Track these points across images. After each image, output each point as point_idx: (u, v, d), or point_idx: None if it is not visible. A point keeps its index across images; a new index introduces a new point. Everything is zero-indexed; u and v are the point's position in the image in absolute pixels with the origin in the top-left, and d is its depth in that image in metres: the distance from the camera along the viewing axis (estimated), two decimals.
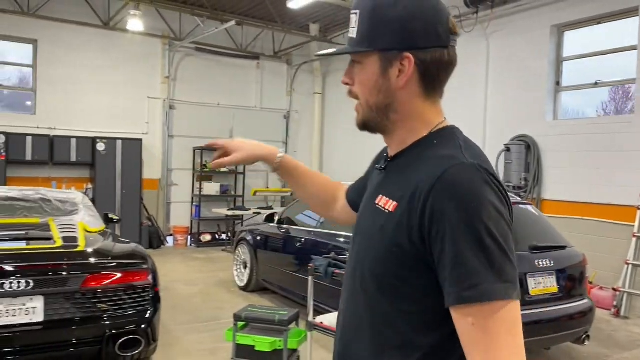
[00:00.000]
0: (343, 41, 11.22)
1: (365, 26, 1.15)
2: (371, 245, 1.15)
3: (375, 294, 1.13)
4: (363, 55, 1.17)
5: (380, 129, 1.23)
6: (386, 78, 1.15)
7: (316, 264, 3.78)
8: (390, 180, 1.19)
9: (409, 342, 1.09)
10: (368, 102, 1.20)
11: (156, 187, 11.13)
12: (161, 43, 11.04)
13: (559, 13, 7.81)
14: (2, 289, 3.59)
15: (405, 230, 1.06)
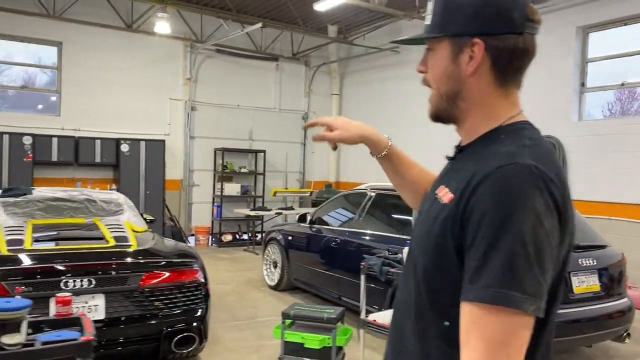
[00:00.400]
0: (363, 42, 11.31)
1: (438, 12, 1.15)
2: (423, 234, 1.14)
3: (420, 281, 1.13)
4: (435, 41, 1.16)
5: (452, 119, 1.20)
6: (456, 64, 1.13)
7: (370, 263, 3.86)
8: (453, 172, 1.18)
9: (440, 331, 1.09)
10: (439, 89, 1.18)
11: (178, 188, 11.22)
12: (182, 45, 11.13)
13: (585, 14, 7.87)
14: (66, 287, 3.67)
15: (450, 223, 1.05)
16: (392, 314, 1.31)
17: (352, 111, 12.73)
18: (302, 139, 12.80)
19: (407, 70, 11.03)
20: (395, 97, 11.39)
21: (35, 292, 3.60)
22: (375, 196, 5.86)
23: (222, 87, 11.66)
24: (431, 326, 1.12)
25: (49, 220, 4.89)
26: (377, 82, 11.92)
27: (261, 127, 12.11)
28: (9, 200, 4.95)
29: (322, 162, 12.99)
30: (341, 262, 5.92)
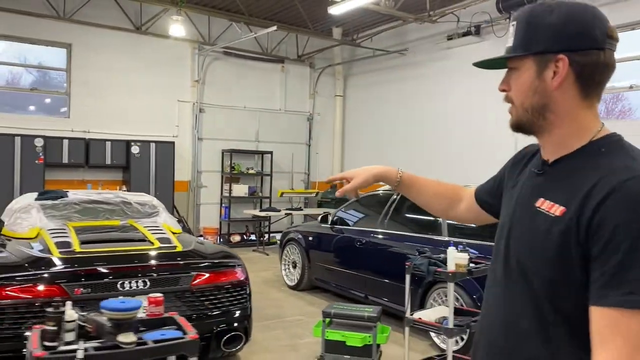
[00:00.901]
0: (370, 44, 11.44)
1: (521, 33, 1.24)
2: (534, 245, 1.21)
3: (538, 296, 1.20)
4: (519, 61, 1.26)
5: (535, 129, 1.29)
6: (541, 79, 1.22)
7: (416, 263, 3.99)
8: (553, 185, 1.24)
9: (553, 326, 1.18)
10: (523, 104, 1.27)
11: (186, 189, 11.27)
12: (190, 47, 11.19)
13: None
14: (123, 288, 3.76)
15: (574, 233, 1.12)
16: (482, 330, 1.38)
17: (356, 112, 12.89)
18: (307, 140, 12.91)
19: (412, 71, 11.21)
20: (399, 98, 11.55)
21: (93, 294, 3.68)
22: (399, 197, 6.00)
23: (229, 89, 11.74)
24: (558, 335, 1.17)
25: (87, 222, 4.96)
26: (381, 83, 12.07)
27: (267, 128, 12.20)
28: (46, 203, 5.01)
29: (327, 163, 13.12)
30: (367, 262, 6.05)
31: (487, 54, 1.29)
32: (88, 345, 2.05)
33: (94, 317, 2.20)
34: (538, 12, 1.23)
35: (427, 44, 10.71)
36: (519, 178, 1.41)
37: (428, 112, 10.82)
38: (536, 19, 1.22)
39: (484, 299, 1.44)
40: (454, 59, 10.17)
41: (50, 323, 2.09)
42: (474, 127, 9.81)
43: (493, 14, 9.15)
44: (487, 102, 9.52)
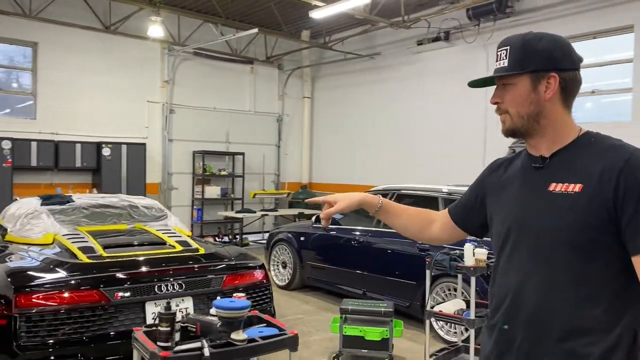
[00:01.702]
0: (342, 47, 11.65)
1: (518, 55, 1.50)
2: (561, 222, 1.43)
3: (570, 258, 1.41)
4: (515, 77, 1.51)
5: (529, 133, 1.54)
6: (536, 92, 1.49)
7: (438, 259, 4.23)
8: (558, 171, 1.49)
9: (597, 292, 1.40)
10: (519, 112, 1.52)
11: (157, 191, 11.11)
12: (160, 47, 11.04)
13: (556, 28, 8.63)
14: (160, 291, 3.79)
15: (599, 201, 1.38)
16: (506, 293, 1.53)
17: (324, 114, 13.10)
18: (277, 141, 12.99)
19: (381, 75, 11.53)
20: (368, 101, 11.84)
21: (132, 298, 3.70)
22: (395, 197, 6.24)
23: (199, 89, 11.66)
24: (585, 291, 1.41)
25: (96, 227, 4.89)
26: (350, 86, 12.34)
27: (237, 129, 12.20)
28: (54, 208, 4.92)
29: (296, 164, 13.26)
30: (366, 259, 6.25)
31: (455, 58, 1.53)
32: (207, 344, 2.13)
33: (198, 318, 2.28)
34: (530, 39, 1.50)
35: (397, 48, 11.05)
36: (508, 181, 1.63)
37: (397, 114, 11.16)
38: (530, 44, 1.49)
39: (499, 287, 1.58)
40: (424, 63, 10.57)
41: (164, 324, 2.16)
42: (442, 129, 10.22)
43: (462, 21, 9.59)
44: (455, 105, 9.97)
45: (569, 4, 8.34)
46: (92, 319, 3.55)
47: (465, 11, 9.30)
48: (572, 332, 1.41)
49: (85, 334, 3.51)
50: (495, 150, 9.20)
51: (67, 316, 3.48)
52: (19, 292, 3.47)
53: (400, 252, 5.88)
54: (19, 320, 3.39)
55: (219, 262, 4.26)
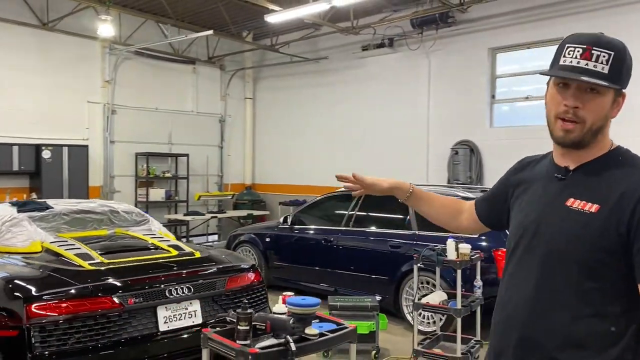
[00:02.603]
0: (283, 50, 11.80)
1: (620, 67, 1.43)
2: (571, 239, 1.42)
3: (575, 275, 1.41)
4: (606, 89, 1.43)
5: (583, 145, 1.49)
6: (611, 108, 1.47)
7: (425, 254, 4.55)
8: (579, 187, 1.47)
9: (598, 310, 1.40)
10: (594, 124, 1.45)
11: (98, 195, 10.73)
12: (101, 46, 10.67)
13: (494, 38, 9.33)
14: (170, 295, 3.83)
15: (614, 225, 1.37)
16: (508, 302, 1.55)
17: (266, 115, 13.20)
18: (220, 142, 12.93)
19: (324, 78, 11.83)
20: (311, 103, 12.11)
21: (145, 303, 3.71)
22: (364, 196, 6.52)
23: (141, 90, 11.38)
24: (589, 309, 1.40)
25: (77, 233, 4.79)
26: (292, 88, 12.54)
27: (180, 130, 12.03)
28: (34, 214, 4.75)
29: (238, 165, 13.26)
30: (338, 258, 6.50)
31: (399, 64, 1.68)
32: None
33: (267, 316, 2.42)
34: (626, 50, 1.46)
35: (341, 53, 11.39)
36: (531, 183, 1.63)
37: (342, 116, 11.50)
38: (627, 57, 1.45)
39: (506, 288, 1.59)
40: (368, 68, 10.98)
41: (243, 323, 2.28)
42: (387, 130, 10.68)
43: (406, 29, 10.09)
44: (399, 108, 10.47)
45: (506, 16, 9.03)
46: (107, 326, 3.54)
47: (409, 19, 9.80)
48: (568, 345, 1.41)
49: (100, 341, 3.50)
50: (440, 151, 9.79)
51: (82, 324, 3.45)
52: (29, 302, 3.39)
53: (373, 250, 6.19)
54: (33, 330, 3.32)
55: (220, 265, 4.33)
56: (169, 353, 3.77)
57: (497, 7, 8.98)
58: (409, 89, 10.35)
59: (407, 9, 9.96)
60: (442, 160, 9.80)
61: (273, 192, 12.83)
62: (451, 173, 9.61)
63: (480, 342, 4.83)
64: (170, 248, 4.48)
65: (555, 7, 8.49)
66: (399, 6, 10.02)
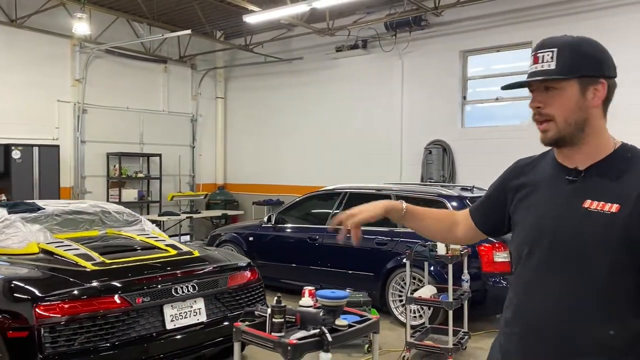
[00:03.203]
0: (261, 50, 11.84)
1: (567, 60, 1.43)
2: (597, 241, 1.40)
3: (602, 277, 1.39)
4: (562, 82, 1.44)
5: (573, 142, 1.48)
6: (584, 98, 1.44)
7: (418, 250, 4.73)
8: (594, 188, 1.45)
9: (624, 312, 1.39)
10: (567, 119, 1.45)
11: (69, 196, 10.51)
12: (71, 44, 10.46)
13: (465, 41, 9.64)
14: (176, 293, 3.88)
15: (635, 223, 1.36)
16: (529, 321, 1.50)
17: (238, 115, 13.20)
18: (191, 142, 12.85)
19: (296, 78, 11.92)
20: (283, 102, 12.18)
21: (152, 301, 3.75)
22: (349, 195, 6.69)
23: (111, 89, 11.21)
24: (615, 309, 1.40)
25: (69, 234, 4.75)
26: (264, 88, 12.58)
27: (151, 130, 11.90)
28: (26, 216, 4.68)
29: (210, 165, 13.21)
30: (324, 256, 6.62)
31: (373, 65, 1.75)
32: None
33: (297, 309, 2.52)
34: (578, 42, 1.46)
35: (315, 53, 11.50)
36: (534, 186, 1.59)
37: (316, 116, 11.63)
38: (579, 47, 1.45)
39: (525, 296, 1.54)
40: (342, 69, 11.14)
41: (277, 316, 2.38)
42: (361, 130, 10.87)
43: (379, 30, 10.30)
44: (373, 108, 10.67)
45: (477, 20, 9.35)
46: (116, 325, 3.56)
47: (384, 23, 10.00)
48: (597, 349, 1.40)
49: (110, 340, 3.52)
50: (413, 150, 10.05)
51: (91, 323, 3.46)
52: (37, 303, 3.39)
53: (359, 247, 6.32)
54: (43, 330, 3.32)
55: (220, 264, 4.39)
56: (176, 351, 3.82)
57: (468, 12, 9.29)
58: (382, 89, 10.57)
59: (380, 11, 10.17)
60: (416, 159, 10.05)
61: (245, 192, 12.85)
62: (425, 172, 9.88)
63: (468, 333, 5.05)
64: (168, 247, 4.51)
65: (523, 12, 8.84)
66: (372, 8, 10.21)
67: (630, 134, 2.77)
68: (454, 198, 6.04)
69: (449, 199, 5.99)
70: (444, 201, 5.98)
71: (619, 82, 1.51)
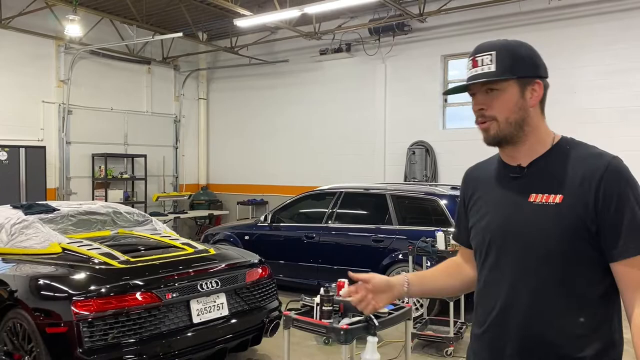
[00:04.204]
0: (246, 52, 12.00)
1: (506, 61, 1.48)
2: (544, 233, 1.44)
3: (555, 267, 1.43)
4: (502, 83, 1.48)
5: (514, 141, 1.52)
6: (523, 98, 1.49)
7: (420, 246, 5.04)
8: (537, 182, 1.49)
9: (583, 299, 1.43)
10: (508, 119, 1.49)
11: (54, 197, 10.48)
12: (55, 44, 10.43)
13: (446, 46, 10.04)
14: (202, 289, 4.08)
15: (580, 211, 1.40)
16: (497, 298, 1.52)
17: (220, 116, 13.33)
18: (174, 143, 12.92)
19: (280, 80, 12.13)
20: (266, 103, 12.38)
21: (180, 297, 3.94)
22: (344, 194, 6.97)
23: (96, 90, 11.20)
24: (574, 294, 1.43)
25: (83, 234, 4.89)
26: (247, 89, 12.75)
27: (135, 131, 11.93)
28: (43, 216, 4.80)
29: (193, 165, 13.30)
30: (321, 253, 6.87)
31: (356, 68, 1.94)
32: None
33: (340, 299, 2.78)
34: (514, 45, 1.52)
35: (299, 56, 11.74)
36: (483, 188, 1.64)
37: (299, 117, 11.86)
38: (515, 50, 1.50)
39: (485, 296, 1.58)
40: (326, 71, 11.41)
41: (326, 304, 2.63)
42: (345, 131, 11.16)
43: (363, 34, 10.62)
44: (357, 110, 10.98)
45: (458, 26, 9.74)
46: (148, 319, 3.75)
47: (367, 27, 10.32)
48: (563, 338, 1.43)
49: (143, 334, 3.70)
50: (397, 151, 10.40)
51: (126, 318, 3.64)
52: (75, 299, 3.55)
53: (355, 244, 6.62)
54: (82, 325, 3.49)
55: (238, 260, 4.61)
56: (203, 344, 4.02)
57: (450, 18, 9.68)
58: (366, 92, 10.89)
59: (363, 15, 10.48)
60: (399, 160, 10.40)
61: (229, 192, 12.99)
62: (408, 171, 10.24)
63: (465, 324, 5.39)
64: (185, 246, 4.70)
65: (503, 18, 9.27)
66: (356, 12, 10.51)
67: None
68: (445, 196, 6.37)
69: (441, 198, 6.32)
70: (436, 199, 6.31)
71: (606, 87, 1.69)
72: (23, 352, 3.78)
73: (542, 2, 8.64)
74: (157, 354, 3.75)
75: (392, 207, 6.52)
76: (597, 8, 8.45)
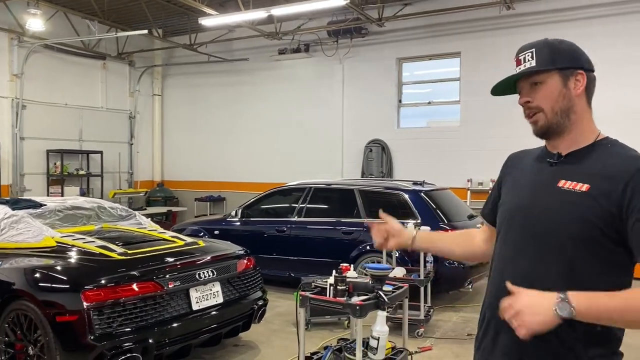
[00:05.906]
0: (205, 50, 12.08)
1: (545, 55, 1.57)
2: (563, 217, 1.50)
3: (567, 251, 1.49)
4: (544, 75, 1.57)
5: (560, 129, 1.58)
6: (567, 88, 1.56)
7: None
8: (569, 170, 1.56)
9: (588, 285, 1.43)
10: (554, 108, 1.56)
11: (7, 194, 10.23)
12: (8, 38, 10.16)
13: (400, 49, 10.57)
14: (200, 278, 4.32)
15: (604, 203, 1.45)
16: (501, 275, 1.61)
17: (175, 112, 13.36)
18: (129, 139, 12.82)
19: (237, 78, 12.32)
20: (222, 101, 12.55)
21: (181, 285, 4.17)
22: (314, 190, 7.31)
23: (50, 84, 11.02)
24: (579, 282, 1.45)
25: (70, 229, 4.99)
26: (203, 86, 12.86)
27: (90, 127, 11.79)
28: (32, 211, 4.86)
29: (147, 162, 13.25)
30: (291, 246, 7.17)
31: (315, 68, 2.20)
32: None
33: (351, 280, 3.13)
34: (552, 41, 1.62)
35: (256, 54, 11.97)
36: (521, 171, 1.72)
37: (257, 115, 12.11)
38: (554, 45, 1.60)
39: (498, 268, 1.67)
40: (284, 70, 11.70)
41: (340, 284, 2.97)
42: (302, 129, 11.51)
43: (321, 35, 10.99)
44: (315, 109, 11.34)
45: (412, 30, 10.29)
46: (153, 306, 3.95)
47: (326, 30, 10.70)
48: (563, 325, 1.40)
49: (149, 321, 3.91)
50: (354, 149, 10.85)
51: (133, 306, 3.84)
52: (84, 289, 3.70)
53: (325, 237, 6.97)
54: (92, 313, 3.66)
55: (227, 252, 4.87)
56: (202, 329, 4.26)
57: (405, 23, 10.21)
58: (324, 91, 11.28)
59: (321, 17, 10.84)
60: (357, 157, 10.86)
61: (185, 189, 13.05)
62: (365, 168, 10.71)
63: (432, 307, 5.86)
64: (175, 239, 4.91)
65: (454, 25, 9.88)
66: (315, 14, 10.85)
67: None
68: (409, 191, 6.83)
69: (406, 192, 6.79)
70: (401, 194, 6.77)
71: None
72: (27, 343, 3.89)
73: (494, 11, 9.28)
74: (161, 339, 3.96)
75: (360, 201, 6.92)
76: (536, 18, 9.19)
